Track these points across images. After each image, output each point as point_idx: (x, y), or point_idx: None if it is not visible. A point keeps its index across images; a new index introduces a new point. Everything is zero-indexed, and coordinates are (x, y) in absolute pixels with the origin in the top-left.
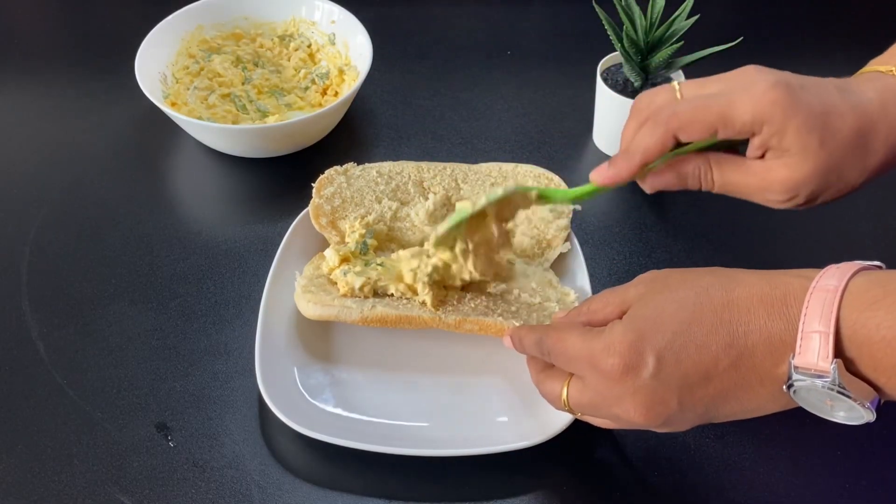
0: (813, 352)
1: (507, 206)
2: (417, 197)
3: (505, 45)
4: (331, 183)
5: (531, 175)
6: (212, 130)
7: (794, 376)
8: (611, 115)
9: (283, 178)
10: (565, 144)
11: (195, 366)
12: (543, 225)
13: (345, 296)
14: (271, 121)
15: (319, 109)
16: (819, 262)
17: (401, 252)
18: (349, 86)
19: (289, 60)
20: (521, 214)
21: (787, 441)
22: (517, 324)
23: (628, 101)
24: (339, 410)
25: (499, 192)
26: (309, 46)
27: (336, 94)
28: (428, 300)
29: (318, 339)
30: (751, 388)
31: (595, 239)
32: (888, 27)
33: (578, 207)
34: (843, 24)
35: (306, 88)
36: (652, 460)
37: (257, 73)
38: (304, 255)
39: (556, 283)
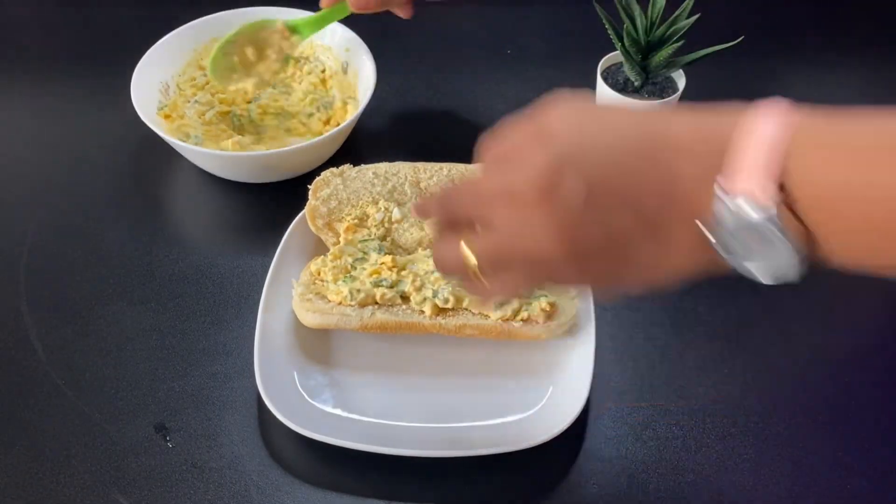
0: (750, 185)
1: (260, 37)
2: (414, 198)
3: (505, 44)
4: (327, 184)
5: None
6: (196, 154)
7: (725, 209)
8: None
9: (282, 179)
10: None
11: (194, 366)
12: None
13: (340, 304)
14: (262, 147)
15: (312, 139)
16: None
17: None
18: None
19: (300, 83)
20: None
21: (788, 442)
22: (518, 325)
23: (629, 101)
24: (338, 411)
25: (240, 28)
26: (323, 72)
27: (338, 124)
28: (427, 310)
29: (318, 339)
30: (677, 229)
31: None
32: (888, 26)
33: None
34: (842, 24)
35: (310, 115)
36: (652, 461)
37: (266, 93)
38: (302, 256)
39: None
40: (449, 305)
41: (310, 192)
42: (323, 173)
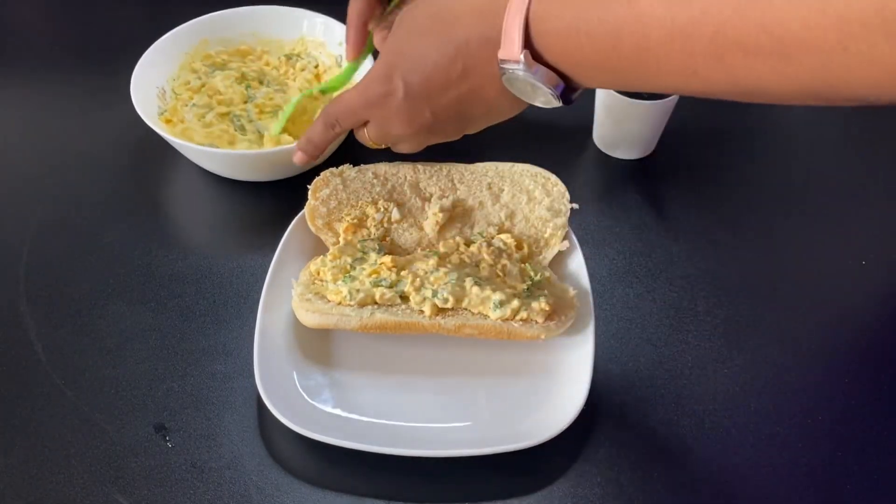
0: (510, 46)
1: (308, 104)
2: (415, 198)
3: None
4: (326, 185)
5: (528, 174)
6: (198, 153)
7: (501, 68)
8: (611, 114)
9: (281, 179)
10: (565, 144)
11: (194, 366)
12: (541, 224)
13: (339, 304)
14: (267, 144)
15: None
16: (819, 264)
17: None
18: None
19: (294, 80)
20: (519, 214)
21: (788, 442)
22: (517, 325)
23: (629, 101)
24: (337, 411)
25: (293, 100)
26: (316, 67)
27: None
28: (426, 310)
29: (317, 339)
30: (483, 90)
31: (595, 239)
32: None
33: (576, 206)
34: None
35: None
36: (652, 460)
37: (262, 92)
38: (302, 256)
39: (554, 281)
40: (448, 305)
41: (309, 192)
42: (323, 173)
